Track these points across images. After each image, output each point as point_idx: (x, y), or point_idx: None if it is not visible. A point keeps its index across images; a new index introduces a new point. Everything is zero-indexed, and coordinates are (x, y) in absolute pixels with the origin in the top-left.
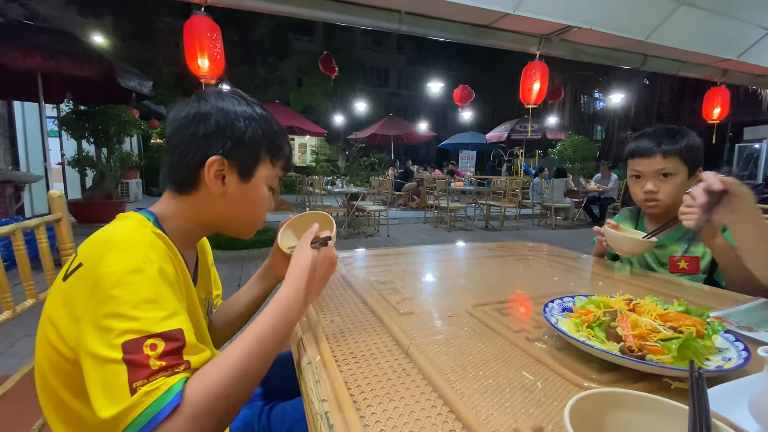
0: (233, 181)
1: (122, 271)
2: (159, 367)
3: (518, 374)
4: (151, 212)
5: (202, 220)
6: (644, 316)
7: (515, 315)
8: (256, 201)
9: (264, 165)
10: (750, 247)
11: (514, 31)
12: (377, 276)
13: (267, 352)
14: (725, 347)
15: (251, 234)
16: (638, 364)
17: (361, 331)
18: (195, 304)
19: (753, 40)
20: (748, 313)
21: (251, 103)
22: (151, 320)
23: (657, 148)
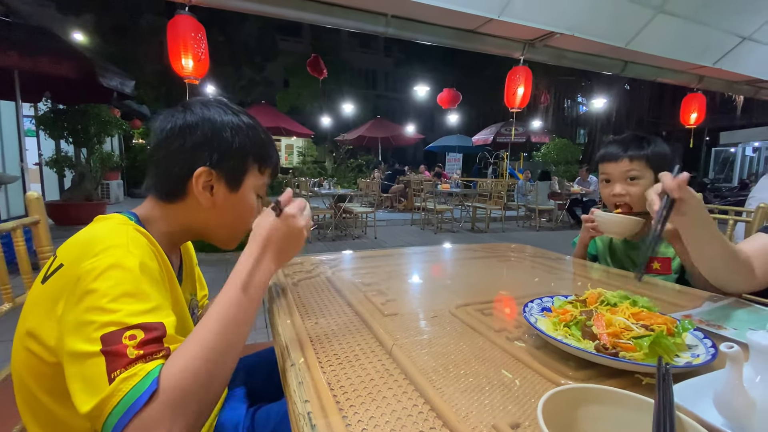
0: (221, 192)
1: (103, 266)
2: (137, 355)
3: (498, 372)
4: (132, 213)
5: (187, 227)
6: (618, 315)
7: (497, 315)
8: (243, 210)
9: (252, 174)
10: (698, 248)
11: (498, 36)
12: (363, 278)
13: (237, 324)
14: (695, 344)
15: (234, 244)
16: (611, 361)
17: (346, 332)
18: (181, 303)
19: (728, 48)
20: (717, 311)
21: (237, 112)
22: (130, 312)
23: (624, 153)
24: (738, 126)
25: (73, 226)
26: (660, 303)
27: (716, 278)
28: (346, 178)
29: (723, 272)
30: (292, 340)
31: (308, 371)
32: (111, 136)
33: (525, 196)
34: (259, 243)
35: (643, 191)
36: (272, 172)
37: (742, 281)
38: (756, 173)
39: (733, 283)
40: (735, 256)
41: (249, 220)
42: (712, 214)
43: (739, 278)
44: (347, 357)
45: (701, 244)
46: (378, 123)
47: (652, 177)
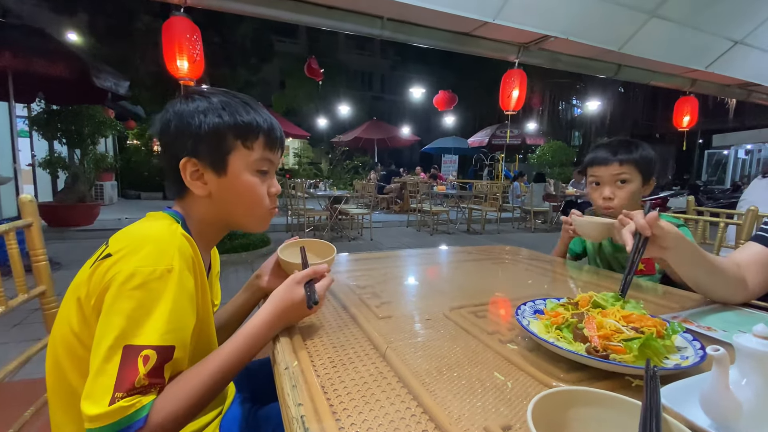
0: (211, 178)
1: (147, 273)
2: (141, 385)
3: (490, 375)
4: (178, 213)
5: (207, 221)
6: (609, 318)
7: (490, 317)
8: (242, 191)
9: (237, 152)
10: (686, 272)
11: (493, 40)
12: (358, 280)
13: (226, 380)
14: (684, 346)
15: (260, 225)
16: (602, 363)
17: (340, 335)
18: (208, 306)
19: (720, 52)
20: (707, 313)
21: (209, 94)
22: (155, 329)
23: (614, 157)
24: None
25: (67, 227)
26: (649, 304)
27: (708, 294)
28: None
29: (714, 289)
30: (286, 343)
31: (302, 375)
32: (105, 137)
33: (519, 198)
34: (275, 313)
35: (630, 195)
36: (267, 143)
37: (735, 294)
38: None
39: (725, 297)
40: (725, 273)
41: (258, 199)
42: (703, 217)
43: (730, 292)
44: (341, 360)
45: (688, 268)
46: (374, 124)
47: (640, 180)
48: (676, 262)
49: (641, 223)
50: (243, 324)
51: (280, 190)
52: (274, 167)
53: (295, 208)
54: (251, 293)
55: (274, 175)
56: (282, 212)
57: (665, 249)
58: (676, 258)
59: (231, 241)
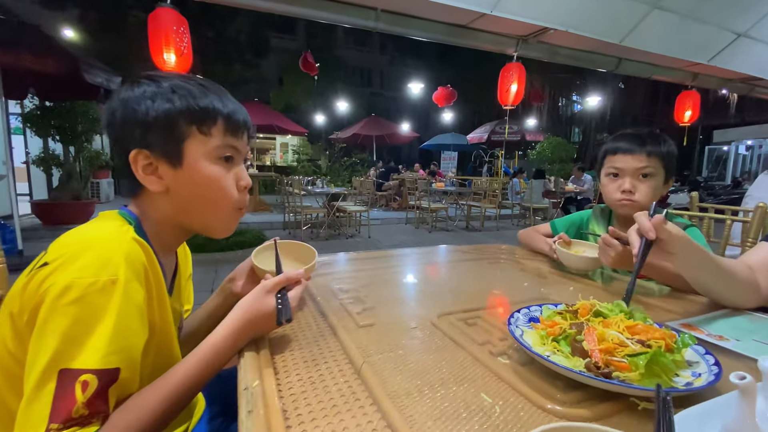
0: (166, 171)
1: (86, 285)
2: (79, 415)
3: (477, 395)
4: (132, 213)
5: (164, 222)
6: (611, 329)
7: (481, 325)
8: (203, 182)
9: (194, 139)
10: (693, 278)
11: (491, 32)
12: (342, 283)
13: (185, 400)
14: (695, 360)
15: (226, 225)
16: (603, 384)
17: (314, 348)
18: (167, 317)
19: (723, 45)
20: (716, 320)
21: (159, 78)
22: (96, 351)
23: (642, 147)
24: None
25: (61, 225)
26: (653, 309)
27: (717, 299)
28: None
29: (724, 293)
30: (251, 359)
31: (262, 397)
32: (100, 134)
33: (518, 195)
34: (240, 326)
35: (652, 191)
36: (229, 129)
37: (747, 299)
38: (749, 171)
39: (736, 302)
40: (735, 276)
41: (224, 192)
42: (707, 214)
43: (742, 297)
44: (311, 378)
45: (695, 273)
46: (372, 121)
47: (663, 177)
48: (682, 267)
49: (645, 226)
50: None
51: (250, 183)
52: (241, 156)
53: (292, 205)
54: (223, 298)
55: (243, 165)
56: (279, 210)
57: (670, 254)
58: (682, 263)
59: (226, 239)
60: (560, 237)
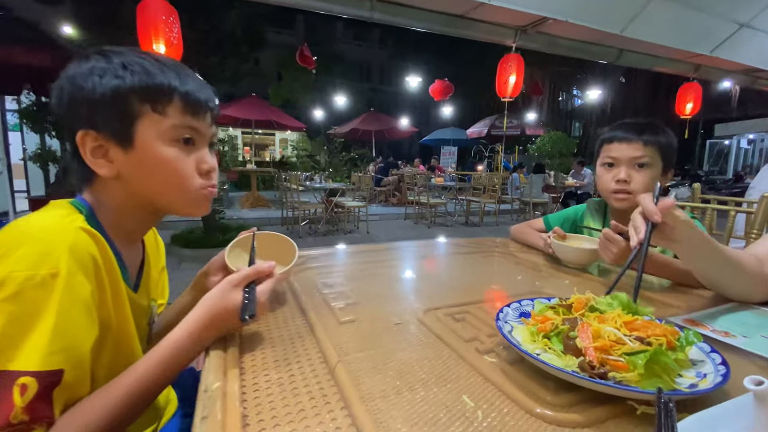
0: (118, 154)
1: (22, 279)
2: (18, 421)
3: (459, 397)
4: (85, 201)
5: (126, 208)
6: (608, 324)
7: (469, 321)
8: (157, 166)
9: (146, 118)
10: (699, 269)
11: (489, 22)
12: (328, 278)
13: (143, 404)
14: (700, 359)
15: (193, 207)
16: (598, 386)
17: (288, 346)
18: (125, 313)
19: (725, 35)
20: (722, 314)
21: (111, 53)
22: (35, 352)
23: (638, 136)
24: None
25: None
26: (654, 304)
27: (723, 292)
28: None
29: (730, 286)
30: (217, 357)
31: (222, 400)
32: None
33: (518, 190)
34: (203, 323)
35: (649, 182)
36: (187, 108)
37: (754, 292)
38: (751, 165)
39: (743, 295)
40: (743, 268)
41: (181, 176)
42: (710, 205)
43: (750, 290)
44: (280, 379)
45: (700, 263)
46: (371, 116)
47: (661, 168)
48: (686, 256)
49: (650, 208)
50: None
51: (214, 167)
52: (204, 138)
53: (290, 201)
54: (198, 292)
55: (206, 147)
56: (277, 206)
57: (674, 241)
58: (686, 251)
59: (223, 234)
60: (555, 231)
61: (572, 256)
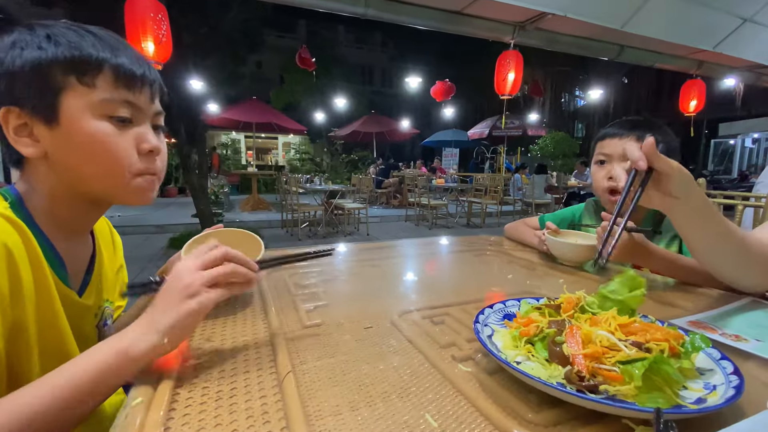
0: (43, 132)
1: None
2: None
3: (423, 415)
4: (14, 189)
5: (59, 194)
6: (600, 327)
7: (449, 324)
8: (86, 143)
9: (73, 91)
10: (699, 241)
11: (487, 18)
12: (303, 278)
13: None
14: (708, 368)
15: (131, 193)
16: (585, 401)
17: (240, 352)
18: (53, 313)
19: (728, 31)
20: (732, 316)
21: (38, 26)
22: None
23: (631, 131)
24: (737, 117)
25: None
26: (657, 305)
27: (724, 276)
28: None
29: (731, 268)
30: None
31: (141, 418)
32: None
33: (520, 191)
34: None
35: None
36: (121, 80)
37: (758, 277)
38: (756, 165)
39: (745, 280)
40: (746, 247)
41: (113, 155)
42: (716, 199)
43: (753, 274)
44: (219, 392)
45: (702, 235)
46: (372, 118)
47: None
48: (685, 222)
49: (635, 154)
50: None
51: (157, 148)
52: (144, 115)
53: (290, 203)
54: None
55: (147, 125)
56: (278, 208)
57: (671, 198)
58: (686, 214)
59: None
60: (549, 227)
61: (568, 253)
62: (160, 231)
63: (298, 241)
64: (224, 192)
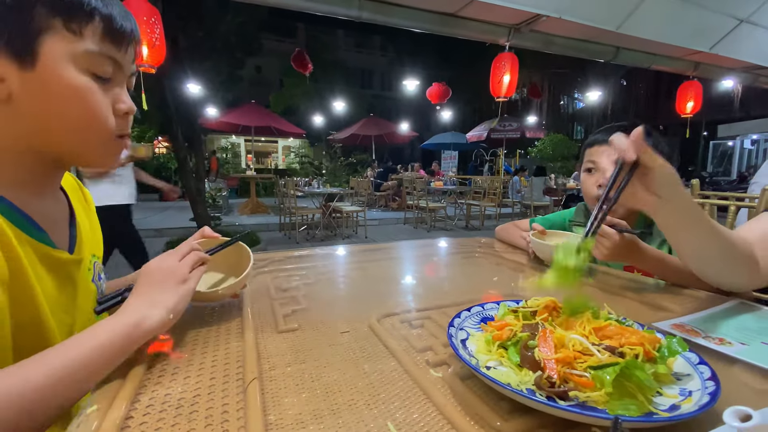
0: (11, 71)
1: None
2: None
3: (386, 424)
4: None
5: (12, 145)
6: (574, 331)
7: (428, 328)
8: (64, 96)
9: (57, 35)
10: (685, 243)
11: (481, 21)
12: (284, 281)
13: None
14: (686, 373)
15: (100, 154)
16: (553, 409)
17: (209, 356)
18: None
19: (725, 32)
20: (717, 318)
21: None
22: None
23: None
24: (736, 119)
25: None
26: (642, 307)
27: (710, 278)
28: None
29: (717, 270)
30: (117, 369)
31: (98, 423)
32: None
33: (519, 193)
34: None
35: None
36: (109, 34)
37: (744, 277)
38: (755, 166)
39: (730, 280)
40: (734, 248)
41: (93, 114)
42: (709, 200)
43: (738, 274)
44: (181, 399)
45: (684, 236)
46: (371, 121)
47: None
48: (670, 224)
49: (621, 144)
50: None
51: (133, 108)
52: (123, 75)
53: (288, 206)
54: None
55: (124, 86)
56: (277, 212)
57: (655, 197)
58: (670, 216)
59: None
60: (534, 228)
61: (551, 254)
62: (157, 235)
63: (296, 244)
64: (222, 195)
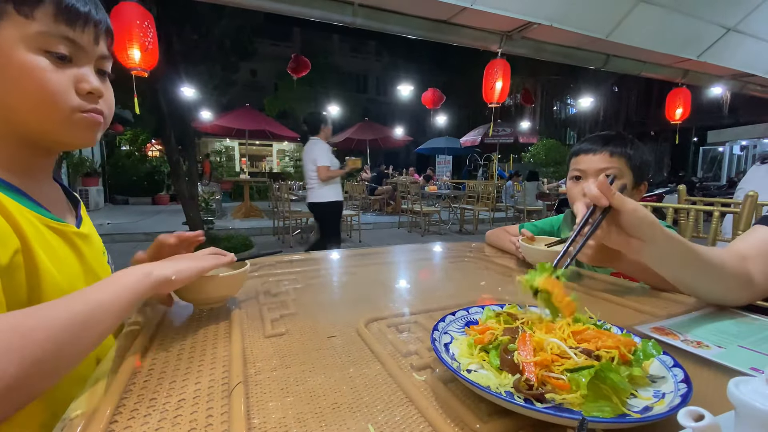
0: None
1: None
2: None
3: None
4: None
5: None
6: (553, 335)
7: (414, 332)
8: (16, 77)
9: (8, 20)
10: (672, 275)
11: (474, 27)
12: (273, 286)
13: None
14: (661, 376)
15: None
16: (528, 411)
17: (195, 361)
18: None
19: (712, 40)
20: (698, 323)
21: None
22: None
23: (604, 147)
24: (725, 125)
25: None
26: (625, 310)
27: (701, 297)
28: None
29: (711, 292)
30: (100, 374)
31: (80, 429)
32: None
33: (512, 198)
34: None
35: None
36: (61, 15)
37: (738, 295)
38: (744, 171)
39: (725, 299)
40: (724, 271)
41: (48, 94)
42: (695, 206)
43: (733, 293)
44: (166, 404)
45: (673, 270)
46: (365, 126)
47: (631, 180)
48: (655, 261)
49: (593, 192)
50: None
51: (98, 90)
52: (88, 57)
53: (281, 210)
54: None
55: (90, 68)
56: (269, 215)
57: (637, 239)
58: (654, 255)
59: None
60: (523, 233)
61: (540, 258)
62: (149, 239)
63: (289, 248)
64: (216, 199)
